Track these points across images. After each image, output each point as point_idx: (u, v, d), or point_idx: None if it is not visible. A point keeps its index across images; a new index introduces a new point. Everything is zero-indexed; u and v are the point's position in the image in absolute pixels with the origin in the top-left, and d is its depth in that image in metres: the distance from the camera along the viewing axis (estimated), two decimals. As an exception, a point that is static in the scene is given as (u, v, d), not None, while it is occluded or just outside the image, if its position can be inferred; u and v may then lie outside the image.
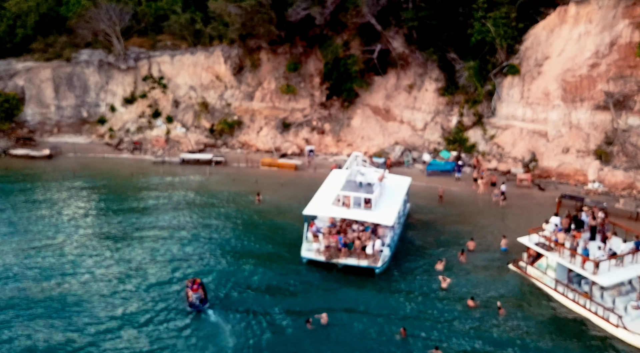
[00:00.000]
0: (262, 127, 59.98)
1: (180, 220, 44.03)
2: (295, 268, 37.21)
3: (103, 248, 39.57)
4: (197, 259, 38.07)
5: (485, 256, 38.53)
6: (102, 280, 35.71)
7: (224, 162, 56.35)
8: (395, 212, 38.81)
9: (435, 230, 42.30)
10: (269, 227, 42.87)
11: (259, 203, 47.19)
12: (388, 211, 38.69)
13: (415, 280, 35.94)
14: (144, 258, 38.26)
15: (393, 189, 41.93)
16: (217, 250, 39.23)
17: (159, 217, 44.50)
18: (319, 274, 36.59)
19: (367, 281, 35.84)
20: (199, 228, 42.67)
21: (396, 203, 40.02)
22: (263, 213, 45.30)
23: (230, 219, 44.11)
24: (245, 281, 35.60)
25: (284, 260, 38.12)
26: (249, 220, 43.89)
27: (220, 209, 45.96)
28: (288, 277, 36.26)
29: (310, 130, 58.88)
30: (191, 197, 48.28)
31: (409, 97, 57.46)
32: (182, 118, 61.31)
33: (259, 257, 38.57)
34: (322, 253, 37.59)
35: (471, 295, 33.31)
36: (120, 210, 45.98)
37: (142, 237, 41.22)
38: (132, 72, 62.79)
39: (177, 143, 59.97)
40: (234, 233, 41.91)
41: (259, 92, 60.65)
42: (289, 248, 39.57)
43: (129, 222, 43.77)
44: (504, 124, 53.45)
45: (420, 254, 39.01)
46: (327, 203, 39.48)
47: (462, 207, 46.41)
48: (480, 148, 53.79)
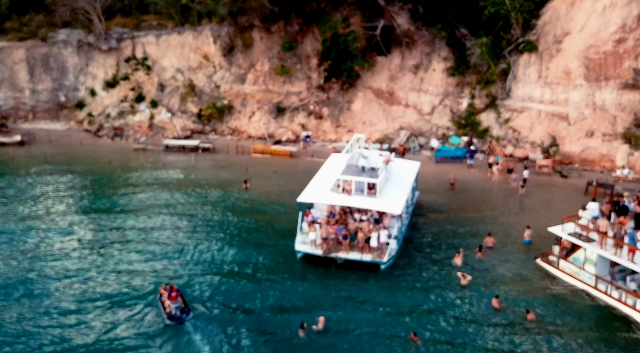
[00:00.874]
0: (254, 112, 54.54)
1: (158, 212, 38.54)
2: (288, 265, 31.81)
3: (68, 245, 34.11)
4: (175, 257, 32.52)
5: (507, 250, 33.19)
6: (67, 286, 30.29)
7: (211, 149, 50.90)
8: (403, 200, 33.41)
9: (447, 221, 36.92)
10: (259, 218, 37.46)
11: (246, 191, 41.78)
12: (395, 198, 33.30)
13: (427, 277, 30.56)
14: (116, 257, 32.81)
15: (400, 174, 36.53)
16: (198, 246, 33.72)
17: (134, 210, 39.01)
18: (316, 271, 31.20)
19: (371, 278, 30.46)
20: (179, 220, 37.21)
21: (404, 190, 34.63)
22: (252, 202, 39.87)
23: (215, 210, 38.67)
24: (230, 282, 30.09)
25: (274, 255, 32.72)
26: (235, 211, 38.46)
27: (205, 199, 40.51)
28: (280, 275, 30.84)
29: (307, 115, 53.47)
30: (173, 187, 42.80)
31: (415, 78, 52.08)
32: (168, 102, 55.84)
33: (246, 253, 33.15)
34: (319, 247, 32.22)
35: (495, 294, 27.95)
36: (91, 201, 40.49)
37: (114, 232, 35.72)
38: (114, 54, 57.26)
39: (161, 129, 54.52)
40: (219, 225, 36.46)
41: (251, 74, 55.19)
42: (281, 241, 34.21)
43: (101, 215, 38.29)
44: (520, 106, 48.09)
45: (431, 247, 33.64)
46: (325, 190, 34.09)
47: (475, 195, 41.06)
48: (493, 132, 48.42)
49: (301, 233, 33.41)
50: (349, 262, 31.49)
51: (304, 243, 32.73)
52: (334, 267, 31.18)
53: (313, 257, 32.08)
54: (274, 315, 27.21)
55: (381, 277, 30.66)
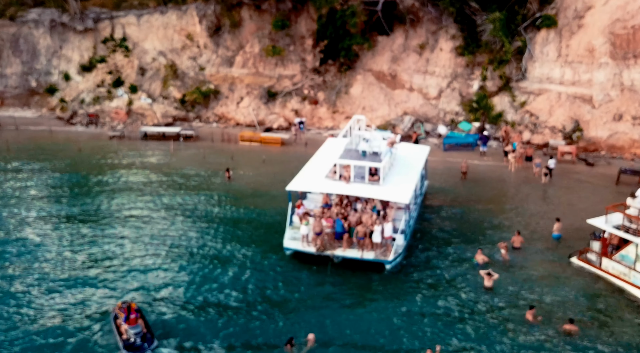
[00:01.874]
0: (242, 97, 49.11)
1: (126, 206, 33.08)
2: (275, 265, 26.40)
3: (15, 244, 28.70)
4: (142, 263, 27.01)
5: (534, 246, 27.82)
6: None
7: (194, 136, 45.48)
8: (411, 188, 28.03)
9: (460, 214, 31.54)
10: (243, 211, 32.07)
11: (229, 182, 36.37)
12: (402, 186, 27.92)
13: (442, 278, 25.15)
14: (67, 261, 27.37)
15: (407, 159, 31.16)
16: (171, 249, 28.22)
17: (98, 204, 33.54)
18: (307, 272, 25.79)
19: (374, 281, 25.10)
20: (148, 217, 31.75)
21: (412, 177, 29.26)
22: (236, 194, 34.44)
23: (193, 204, 33.23)
24: (205, 292, 24.59)
25: (258, 254, 27.32)
26: (217, 204, 33.04)
27: (181, 191, 35.05)
28: (264, 278, 25.41)
29: (300, 100, 48.07)
30: (147, 177, 37.32)
31: (420, 59, 46.74)
32: (149, 87, 50.38)
33: (225, 253, 27.73)
34: (311, 243, 26.84)
35: (530, 304, 22.52)
36: (53, 192, 35.02)
37: (72, 232, 30.28)
38: (90, 35, 51.82)
39: (140, 116, 49.07)
40: (196, 221, 31.02)
41: (239, 56, 49.78)
42: (267, 237, 28.83)
43: (58, 209, 32.87)
44: (538, 88, 42.76)
45: (444, 244, 28.23)
46: (319, 177, 28.70)
47: (491, 185, 35.70)
48: (508, 117, 43.07)
49: (291, 227, 28.05)
50: (348, 261, 26.13)
51: (294, 240, 27.34)
52: (330, 267, 25.77)
53: (305, 255, 26.71)
54: (258, 328, 21.80)
55: (386, 278, 25.29)
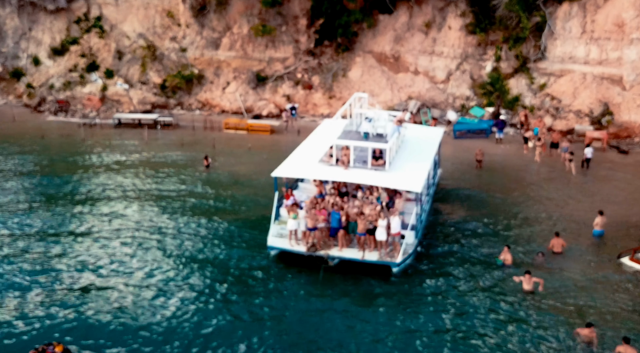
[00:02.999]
0: (229, 82, 43.89)
1: (88, 201, 27.88)
2: (255, 269, 21.17)
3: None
4: (93, 272, 21.89)
5: (573, 243, 22.60)
6: None
7: (173, 124, 40.23)
8: (423, 175, 22.81)
9: (478, 207, 26.31)
10: (222, 204, 26.84)
11: (208, 171, 31.17)
12: (412, 172, 22.72)
13: (463, 284, 19.92)
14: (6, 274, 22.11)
15: (418, 142, 25.94)
16: (133, 253, 23.06)
17: (55, 199, 28.32)
18: (296, 278, 20.56)
19: (378, 288, 19.89)
20: (115, 212, 26.53)
21: (424, 162, 24.04)
22: (215, 184, 29.20)
23: (166, 196, 27.99)
24: (168, 312, 19.41)
25: (238, 256, 22.09)
26: (192, 196, 27.80)
27: (154, 182, 29.78)
28: (242, 287, 20.19)
29: (293, 84, 42.86)
30: (114, 168, 32.06)
31: (426, 39, 41.58)
32: (127, 72, 45.10)
33: (199, 255, 22.49)
34: (301, 241, 21.65)
35: (587, 322, 17.23)
36: (4, 181, 29.82)
37: (17, 236, 25.04)
38: (63, 16, 46.58)
39: (116, 103, 43.79)
40: (166, 216, 25.77)
41: (226, 38, 44.54)
42: (249, 234, 23.62)
43: (9, 204, 27.63)
44: (559, 69, 37.65)
45: (460, 242, 23.00)
46: (312, 162, 23.52)
47: (511, 174, 30.53)
48: (526, 101, 37.92)
49: (277, 222, 22.84)
50: (345, 264, 20.94)
51: (280, 237, 22.14)
52: (323, 272, 20.54)
53: (292, 255, 21.50)
54: None
55: (393, 285, 20.07)
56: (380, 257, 20.85)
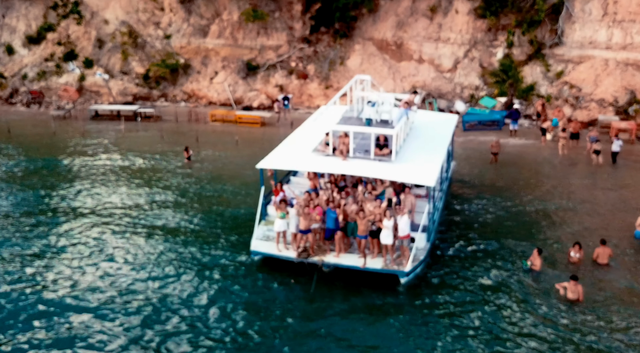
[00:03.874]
0: (217, 71, 40.18)
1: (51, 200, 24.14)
2: (237, 278, 17.42)
3: None
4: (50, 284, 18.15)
5: (613, 245, 18.91)
6: None
7: (154, 116, 36.50)
8: (436, 166, 19.09)
9: (497, 206, 22.58)
10: (202, 201, 23.08)
11: (189, 164, 27.46)
12: (423, 164, 19.01)
13: (490, 297, 16.20)
14: None
15: (429, 130, 22.24)
16: (94, 262, 19.36)
17: (17, 196, 24.60)
18: (283, 291, 16.78)
19: (383, 302, 16.14)
20: (79, 211, 22.80)
21: (437, 153, 20.32)
22: (196, 179, 25.45)
23: (139, 193, 24.25)
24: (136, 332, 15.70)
25: (216, 263, 18.35)
26: (170, 192, 24.06)
27: (128, 178, 26.02)
28: (221, 303, 16.44)
29: (286, 73, 39.14)
30: (86, 162, 28.34)
31: (431, 24, 37.91)
32: (108, 62, 41.36)
33: (169, 262, 18.75)
34: (291, 245, 17.93)
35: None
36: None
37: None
38: (39, 2, 42.86)
39: (94, 94, 40.07)
40: (138, 215, 22.06)
41: (215, 25, 40.83)
42: (231, 237, 19.91)
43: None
44: (578, 55, 34.01)
45: (479, 246, 19.26)
46: (304, 152, 19.82)
47: (530, 168, 26.85)
48: (541, 90, 34.25)
49: (263, 223, 19.15)
50: (343, 272, 17.24)
51: (266, 240, 18.41)
52: (316, 281, 16.81)
53: (280, 262, 17.78)
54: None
55: (402, 300, 16.34)
56: (385, 264, 17.15)
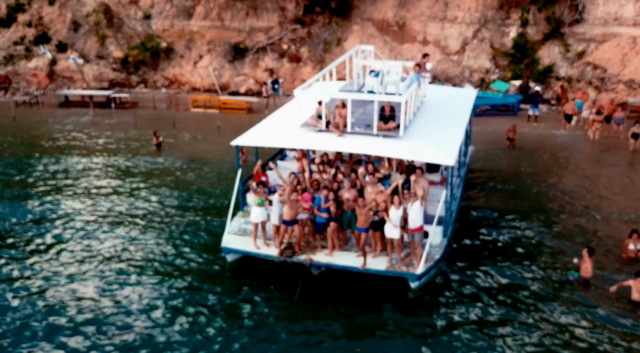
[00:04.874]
0: (202, 55, 36.37)
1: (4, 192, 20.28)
2: (205, 281, 13.53)
3: None
4: None
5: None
6: None
7: (129, 102, 32.66)
8: (455, 143, 15.19)
9: (520, 197, 18.72)
10: (171, 192, 19.21)
11: (158, 151, 23.62)
12: (438, 141, 15.10)
13: (525, 308, 12.35)
14: None
15: (443, 104, 18.30)
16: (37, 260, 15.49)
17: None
18: (260, 299, 12.86)
19: (387, 314, 12.25)
20: (33, 200, 18.94)
21: (455, 129, 16.35)
22: (166, 167, 21.61)
23: (101, 182, 20.39)
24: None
25: (176, 263, 14.46)
26: (132, 181, 20.20)
27: (92, 166, 22.19)
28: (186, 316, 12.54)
29: (277, 56, 35.34)
30: (46, 151, 24.48)
31: (437, 2, 34.05)
32: (84, 46, 37.52)
33: (127, 262, 14.89)
34: (272, 241, 14.06)
35: None
36: None
37: None
38: (10, -19, 39.15)
39: (67, 80, 36.21)
40: (92, 209, 18.18)
41: (200, 6, 36.99)
42: (199, 233, 16.03)
43: None
44: (601, 33, 30.23)
45: (507, 243, 15.41)
46: (291, 127, 15.95)
47: (553, 156, 22.97)
48: (561, 72, 30.45)
49: (240, 215, 15.31)
50: (337, 275, 13.37)
51: (243, 235, 14.54)
52: (301, 287, 12.91)
53: (258, 261, 13.90)
54: None
55: (412, 312, 12.45)
56: (390, 265, 13.30)
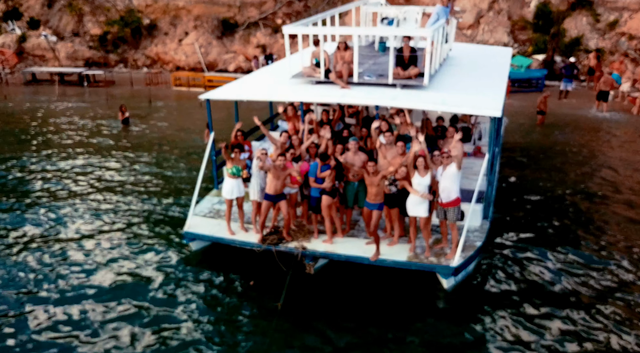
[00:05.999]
0: (188, 32, 32.54)
1: None
2: (165, 278, 9.66)
3: None
4: None
5: None
6: None
7: (104, 80, 28.79)
8: (499, 94, 11.32)
9: (565, 176, 14.95)
10: (136, 174, 15.39)
11: (125, 129, 19.74)
12: (478, 93, 11.21)
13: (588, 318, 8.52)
14: None
15: (473, 60, 14.45)
16: None
17: None
18: (233, 303, 8.99)
19: (411, 328, 8.37)
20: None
21: (494, 82, 12.44)
22: (131, 144, 17.77)
23: (52, 160, 16.55)
24: None
25: (125, 254, 10.61)
26: (91, 159, 16.37)
27: (40, 143, 18.36)
28: (128, 321, 8.64)
29: (270, 32, 31.53)
30: None
31: (446, -28, 30.40)
32: (59, 23, 33.69)
33: (83, 253, 11.00)
34: (254, 227, 10.17)
35: None
36: None
37: None
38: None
39: (38, 58, 32.36)
40: (44, 189, 14.34)
41: (187, -21, 33.33)
42: (164, 219, 12.19)
43: None
44: (635, 1, 26.50)
45: (560, 231, 11.62)
46: (281, 78, 12.09)
47: (593, 132, 19.19)
48: (591, 44, 26.68)
49: (214, 193, 11.50)
50: (338, 269, 9.49)
51: (213, 217, 10.67)
52: (287, 287, 9.03)
53: (232, 251, 10.03)
54: None
55: (444, 326, 8.58)
56: (414, 255, 9.42)
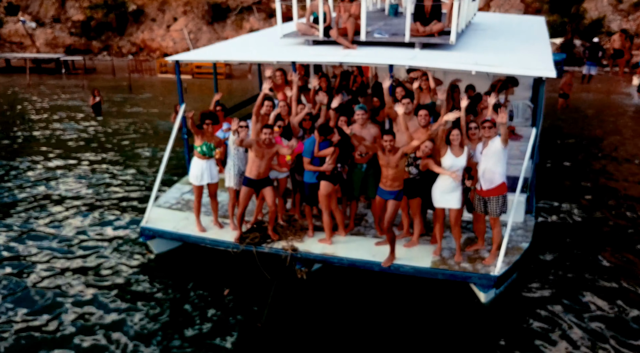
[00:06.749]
0: (176, 18, 30.10)
1: None
2: (125, 286, 7.22)
3: None
4: None
5: None
6: None
7: (83, 66, 26.32)
8: (547, 54, 8.90)
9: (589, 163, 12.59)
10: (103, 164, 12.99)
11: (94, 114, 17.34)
12: (519, 53, 8.79)
13: None
14: None
15: (504, 28, 11.91)
16: None
17: None
18: (203, 321, 6.58)
19: None
20: None
21: (535, 44, 9.99)
22: (103, 131, 15.39)
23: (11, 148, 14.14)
24: None
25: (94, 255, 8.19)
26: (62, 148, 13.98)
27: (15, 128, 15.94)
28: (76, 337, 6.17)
29: (265, 17, 29.13)
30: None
31: (454, -48, 28.02)
32: (39, 8, 31.28)
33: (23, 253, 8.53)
34: (231, 222, 7.74)
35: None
36: None
37: None
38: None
39: (16, 46, 29.93)
40: None
41: (177, -38, 30.90)
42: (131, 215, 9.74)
43: None
44: (662, -21, 24.20)
45: (600, 221, 9.22)
46: (270, 39, 9.68)
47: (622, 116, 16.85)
48: (613, 26, 24.30)
49: (183, 180, 9.03)
50: (339, 276, 7.06)
51: (180, 209, 8.25)
52: (271, 301, 6.60)
53: (205, 253, 7.61)
54: None
55: (486, 348, 6.16)
56: (441, 260, 6.99)
